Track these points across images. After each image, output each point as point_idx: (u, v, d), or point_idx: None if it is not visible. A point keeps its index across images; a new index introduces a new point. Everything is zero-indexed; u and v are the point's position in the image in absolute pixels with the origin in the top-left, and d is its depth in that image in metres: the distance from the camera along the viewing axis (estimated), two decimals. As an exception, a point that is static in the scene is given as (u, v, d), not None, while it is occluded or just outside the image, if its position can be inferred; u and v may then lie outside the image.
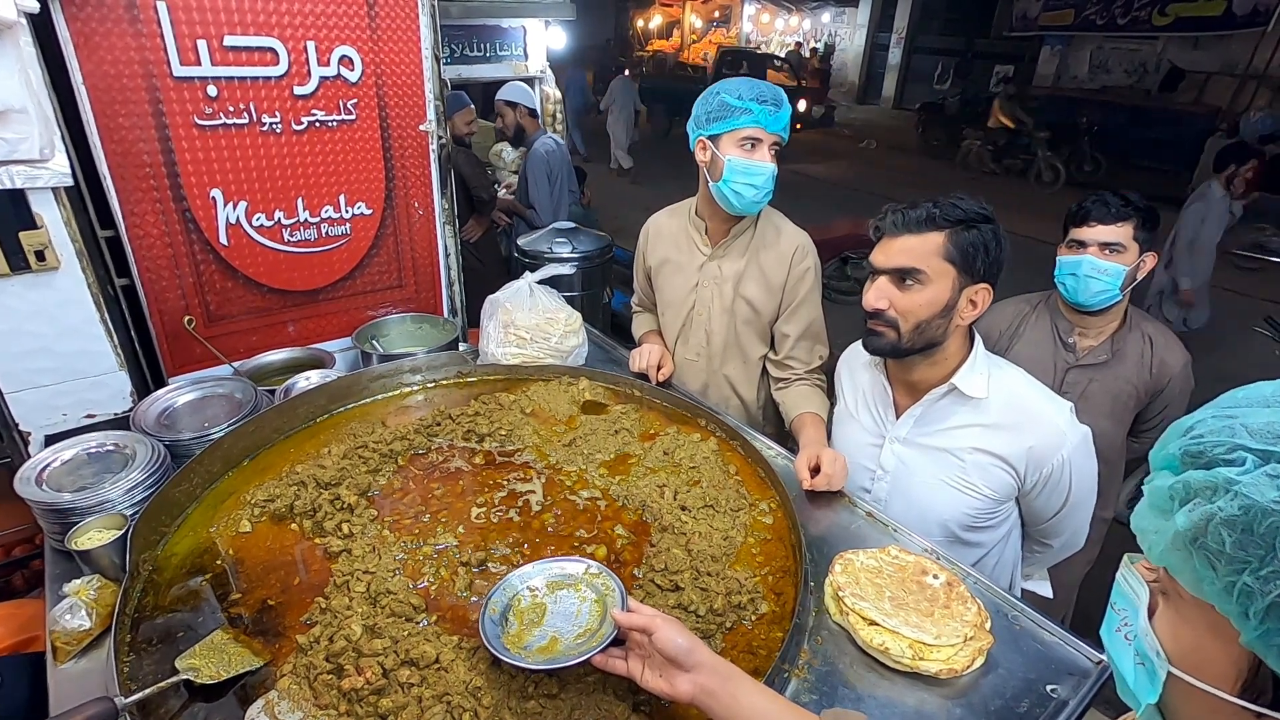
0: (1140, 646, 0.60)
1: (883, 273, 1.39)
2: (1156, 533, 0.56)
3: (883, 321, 1.40)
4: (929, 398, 1.47)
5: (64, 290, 1.60)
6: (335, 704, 0.98)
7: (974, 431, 1.45)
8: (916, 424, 1.51)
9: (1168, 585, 0.58)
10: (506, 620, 1.07)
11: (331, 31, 1.82)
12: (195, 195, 1.78)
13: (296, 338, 2.08)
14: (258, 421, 1.57)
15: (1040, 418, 1.41)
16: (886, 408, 1.57)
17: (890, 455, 1.56)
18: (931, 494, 1.50)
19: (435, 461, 1.57)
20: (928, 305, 1.35)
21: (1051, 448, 1.40)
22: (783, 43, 21.46)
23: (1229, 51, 11.28)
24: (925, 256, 1.33)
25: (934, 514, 1.51)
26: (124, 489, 1.33)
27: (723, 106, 1.73)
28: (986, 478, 1.45)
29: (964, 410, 1.46)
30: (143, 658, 1.08)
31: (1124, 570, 0.66)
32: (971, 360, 1.44)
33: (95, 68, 1.56)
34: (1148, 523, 0.58)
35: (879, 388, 1.58)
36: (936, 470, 1.50)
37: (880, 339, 1.42)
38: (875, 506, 1.52)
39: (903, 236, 1.36)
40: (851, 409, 1.67)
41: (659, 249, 2.06)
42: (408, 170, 2.09)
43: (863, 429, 1.62)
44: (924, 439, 1.51)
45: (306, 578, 1.24)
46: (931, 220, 1.33)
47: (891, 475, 1.56)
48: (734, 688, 0.88)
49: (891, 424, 1.55)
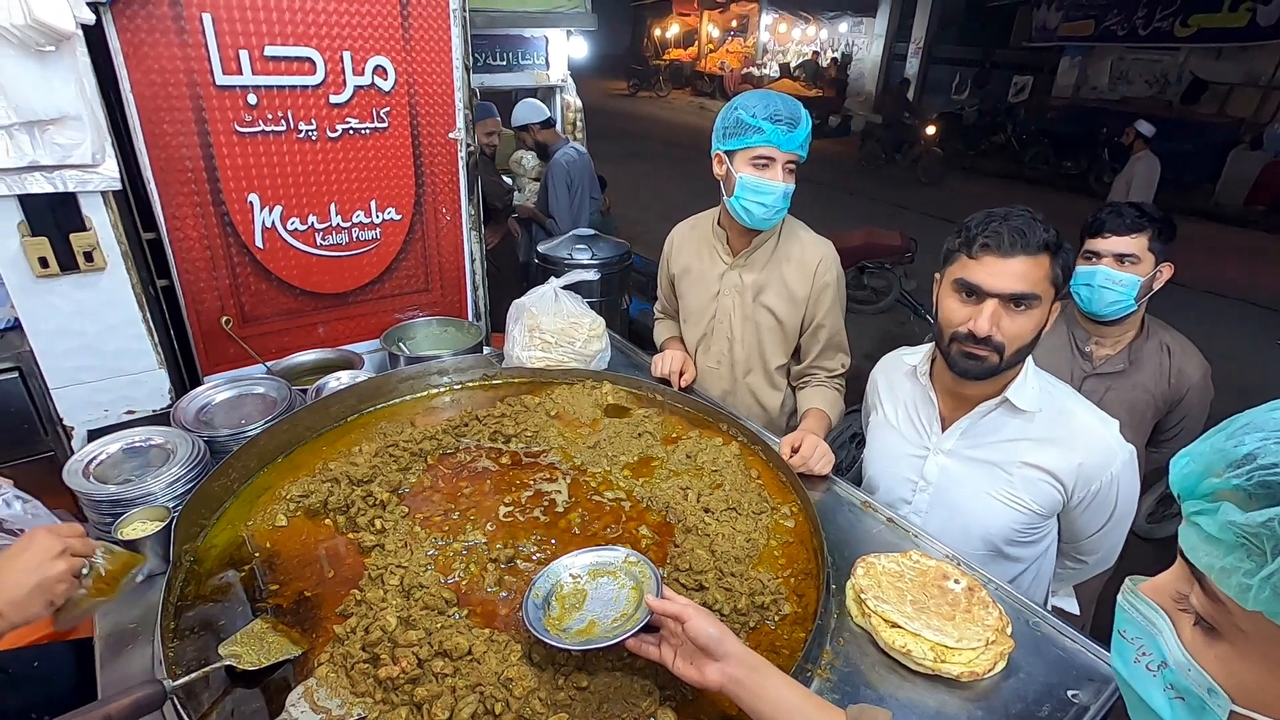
0: (1176, 679, 0.58)
1: (993, 296, 1.30)
2: (1247, 574, 0.51)
3: (988, 346, 1.31)
4: (979, 410, 1.45)
5: (109, 290, 1.66)
6: (371, 692, 1.01)
7: (1024, 445, 1.42)
8: (964, 436, 1.49)
9: (1221, 620, 0.55)
10: (549, 604, 1.11)
11: (367, 42, 1.87)
12: (234, 200, 1.84)
13: (326, 339, 2.14)
14: (291, 420, 1.62)
15: (1091, 434, 1.39)
16: (931, 419, 1.53)
17: (934, 467, 1.53)
18: (977, 507, 1.48)
19: (463, 461, 1.60)
20: (1034, 329, 1.31)
21: (1101, 465, 1.38)
22: (799, 52, 21.50)
23: (1253, 63, 11.16)
24: (1040, 280, 1.28)
25: (978, 527, 1.49)
26: (165, 482, 1.38)
27: (738, 123, 1.74)
28: (1034, 492, 1.43)
29: (1014, 423, 1.43)
30: (186, 644, 1.12)
31: (1129, 596, 0.64)
32: (1024, 373, 1.41)
33: (143, 76, 1.62)
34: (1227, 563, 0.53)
35: (924, 399, 1.55)
36: (983, 483, 1.47)
37: (981, 363, 1.33)
38: (916, 518, 1.53)
39: (1019, 258, 1.27)
40: (892, 419, 1.63)
41: (682, 258, 2.09)
42: (436, 177, 2.14)
43: (904, 439, 1.59)
44: (971, 451, 1.48)
45: (341, 571, 1.27)
46: (1046, 244, 1.28)
47: (935, 487, 1.54)
48: (761, 678, 0.91)
49: (937, 436, 1.52)
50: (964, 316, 1.33)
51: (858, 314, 5.77)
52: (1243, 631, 0.53)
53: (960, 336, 1.34)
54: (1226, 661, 0.55)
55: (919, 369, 1.55)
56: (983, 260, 1.30)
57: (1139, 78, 13.11)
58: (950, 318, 1.36)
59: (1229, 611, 0.54)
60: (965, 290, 1.33)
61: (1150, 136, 6.22)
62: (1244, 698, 0.54)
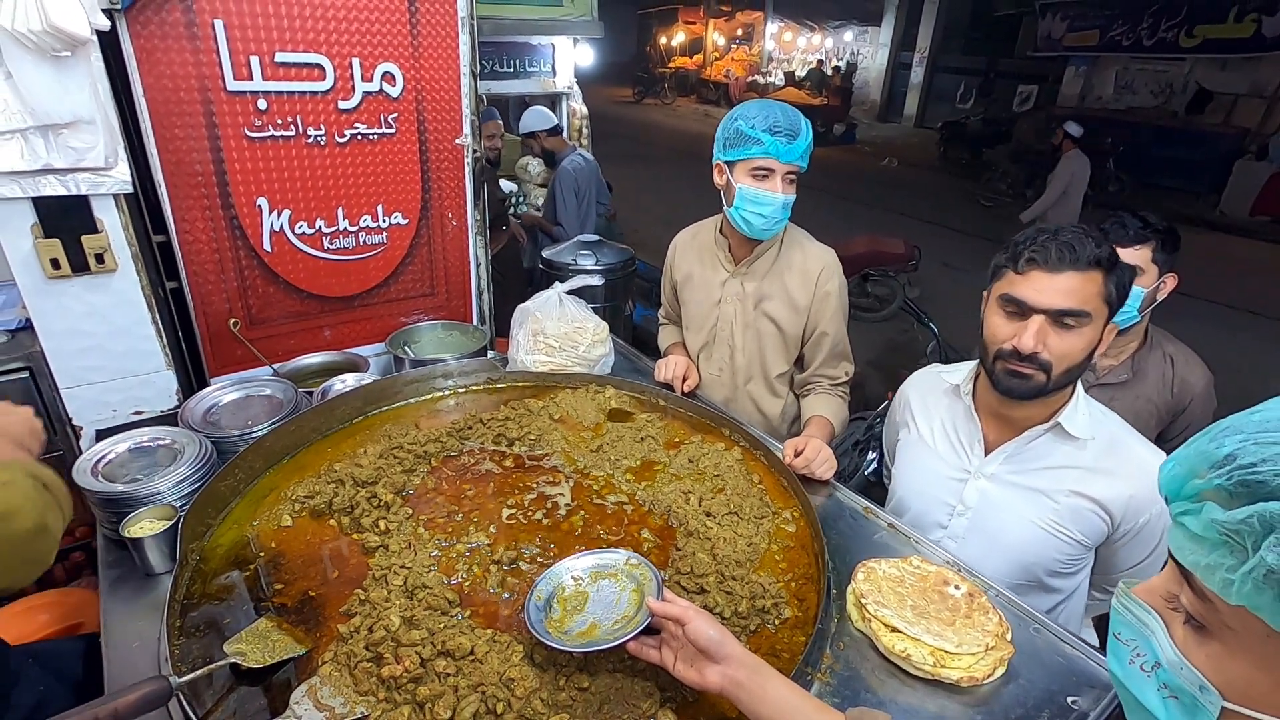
0: (1169, 679, 0.59)
1: (1039, 312, 1.27)
2: (1230, 570, 0.53)
3: (1034, 364, 1.28)
4: (1027, 435, 1.39)
5: (119, 292, 1.68)
6: (374, 691, 1.02)
7: (1073, 474, 1.37)
8: (1008, 460, 1.44)
9: (1209, 618, 0.56)
10: (550, 607, 1.12)
11: (376, 49, 1.90)
12: (242, 203, 1.86)
13: (332, 342, 2.15)
14: (298, 421, 1.63)
15: (1143, 466, 1.34)
16: (973, 441, 1.48)
17: (975, 491, 1.47)
18: (1020, 535, 1.42)
19: (467, 463, 1.62)
20: (1085, 348, 1.27)
21: (1151, 499, 1.33)
22: (804, 61, 21.59)
23: (1258, 73, 11.17)
24: (1091, 297, 1.24)
25: (1019, 556, 1.43)
26: (173, 482, 1.39)
27: (738, 134, 1.74)
28: (1081, 523, 1.38)
29: (1064, 450, 1.38)
30: (191, 642, 1.13)
31: (1123, 599, 0.65)
32: (1075, 399, 1.37)
33: (155, 82, 1.65)
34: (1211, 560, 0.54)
35: (966, 419, 1.49)
36: (1027, 510, 1.42)
37: (1027, 382, 1.30)
38: (951, 543, 1.50)
39: (1067, 274, 1.24)
40: (926, 438, 1.58)
41: (684, 265, 2.11)
42: (443, 182, 2.16)
43: (941, 461, 1.54)
44: (1016, 477, 1.43)
45: (345, 571, 1.28)
46: (1098, 259, 1.23)
47: (974, 512, 1.48)
48: (762, 680, 0.91)
49: (979, 459, 1.47)
50: (1009, 333, 1.30)
51: (861, 322, 5.78)
52: (1230, 629, 0.55)
53: (1005, 354, 1.31)
54: (1217, 659, 0.56)
55: (961, 388, 1.50)
56: (1029, 275, 1.27)
57: (1144, 88, 13.14)
58: (995, 334, 1.33)
59: (1216, 609, 0.55)
60: (1011, 306, 1.30)
61: (1078, 136, 6.61)
62: (1234, 694, 0.55)
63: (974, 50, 16.85)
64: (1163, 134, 11.62)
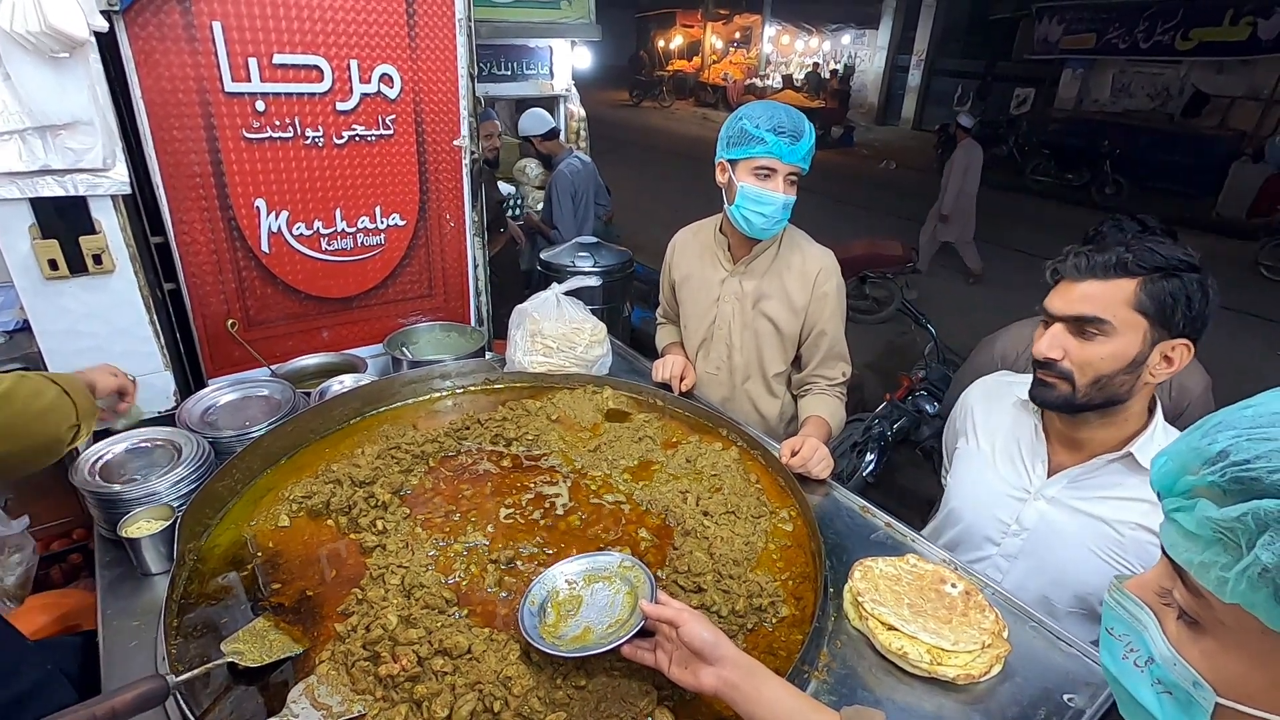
0: (1163, 674, 0.59)
1: (1058, 319, 1.27)
2: (1224, 568, 0.52)
3: (1054, 373, 1.28)
4: (1097, 460, 1.35)
5: (117, 293, 1.68)
6: (371, 689, 1.02)
7: (1142, 508, 1.30)
8: (1072, 484, 1.39)
9: (1203, 614, 0.56)
10: (544, 611, 1.12)
11: (374, 50, 1.90)
12: (240, 205, 1.86)
13: (330, 343, 2.15)
14: (295, 422, 1.63)
15: None
16: (1037, 461, 1.44)
17: (1034, 513, 1.42)
18: (1076, 562, 1.37)
19: (464, 464, 1.62)
20: (1111, 359, 1.23)
21: None
22: (802, 64, 21.64)
23: (1254, 76, 11.23)
24: (1112, 305, 1.21)
25: (1074, 583, 1.39)
26: (170, 482, 1.39)
27: (742, 133, 1.75)
28: (1144, 558, 1.31)
29: (1133, 481, 1.32)
30: (189, 641, 1.13)
31: (1115, 594, 0.65)
32: (1152, 429, 1.32)
33: (154, 83, 1.65)
34: (1205, 557, 0.54)
35: (1032, 437, 1.46)
36: (1086, 538, 1.36)
37: (1051, 391, 1.30)
38: (1003, 560, 1.47)
39: (1087, 282, 1.23)
40: (986, 451, 1.54)
41: (683, 264, 2.11)
42: (441, 184, 2.16)
43: (1000, 477, 1.49)
44: (1078, 502, 1.38)
45: (342, 571, 1.28)
46: (1122, 266, 1.20)
47: (1030, 534, 1.43)
48: (757, 681, 0.91)
49: (1040, 479, 1.43)
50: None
51: (859, 324, 5.79)
52: (1224, 624, 0.55)
53: (1037, 363, 1.32)
54: (1210, 655, 0.56)
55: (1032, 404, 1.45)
56: (1058, 286, 1.29)
57: (1140, 91, 13.20)
58: (1034, 345, 1.34)
59: (1210, 605, 0.55)
60: (1045, 316, 1.32)
61: (969, 126, 7.13)
62: (1228, 689, 0.55)
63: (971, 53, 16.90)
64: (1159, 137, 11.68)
